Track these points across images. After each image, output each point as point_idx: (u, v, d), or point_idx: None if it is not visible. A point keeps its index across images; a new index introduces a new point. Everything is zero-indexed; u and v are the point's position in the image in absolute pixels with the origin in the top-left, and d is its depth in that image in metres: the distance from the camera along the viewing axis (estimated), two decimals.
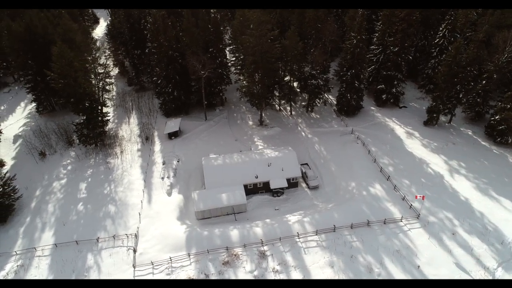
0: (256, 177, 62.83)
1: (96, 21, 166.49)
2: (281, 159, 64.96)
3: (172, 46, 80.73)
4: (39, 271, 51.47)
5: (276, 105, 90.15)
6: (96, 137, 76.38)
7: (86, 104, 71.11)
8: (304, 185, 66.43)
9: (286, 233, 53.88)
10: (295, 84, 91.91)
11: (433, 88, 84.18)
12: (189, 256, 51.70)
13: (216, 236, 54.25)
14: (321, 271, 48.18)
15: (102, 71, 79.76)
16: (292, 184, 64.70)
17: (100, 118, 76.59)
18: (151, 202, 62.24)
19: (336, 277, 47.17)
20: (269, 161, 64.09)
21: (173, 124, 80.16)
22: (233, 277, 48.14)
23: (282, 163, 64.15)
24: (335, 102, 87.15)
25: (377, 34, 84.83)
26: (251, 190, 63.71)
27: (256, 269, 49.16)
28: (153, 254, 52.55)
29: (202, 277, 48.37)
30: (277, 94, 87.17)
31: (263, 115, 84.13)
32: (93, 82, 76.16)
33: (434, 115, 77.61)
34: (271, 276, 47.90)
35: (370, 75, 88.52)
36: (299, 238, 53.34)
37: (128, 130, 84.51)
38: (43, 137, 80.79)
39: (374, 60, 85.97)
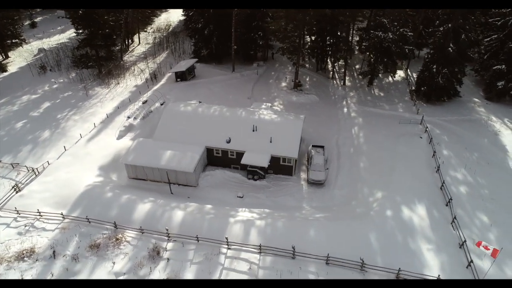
0: (228, 142, 40.93)
1: None
2: (276, 125, 41.56)
3: None
4: None
5: (330, 70, 64.84)
6: (94, 60, 63.96)
7: (80, 12, 58.30)
8: (304, 176, 41.79)
9: (215, 233, 31.28)
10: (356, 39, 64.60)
11: None
12: (63, 218, 33.79)
13: (117, 205, 34.97)
14: None
15: None
16: (283, 168, 40.75)
17: (104, 40, 63.70)
18: (91, 141, 46.08)
19: None
20: (257, 124, 41.36)
21: (184, 64, 62.70)
22: (76, 277, 28.41)
23: (276, 132, 40.76)
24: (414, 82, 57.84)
25: None
26: (219, 159, 42.09)
27: (125, 273, 28.50)
28: (34, 201, 36.08)
29: (44, 257, 29.95)
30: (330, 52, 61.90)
31: (302, 77, 60.19)
32: None
33: None
34: None
35: (486, 51, 55.94)
36: (228, 247, 30.35)
37: (145, 66, 70.45)
38: (60, 55, 72.65)
39: (499, 24, 53.37)
